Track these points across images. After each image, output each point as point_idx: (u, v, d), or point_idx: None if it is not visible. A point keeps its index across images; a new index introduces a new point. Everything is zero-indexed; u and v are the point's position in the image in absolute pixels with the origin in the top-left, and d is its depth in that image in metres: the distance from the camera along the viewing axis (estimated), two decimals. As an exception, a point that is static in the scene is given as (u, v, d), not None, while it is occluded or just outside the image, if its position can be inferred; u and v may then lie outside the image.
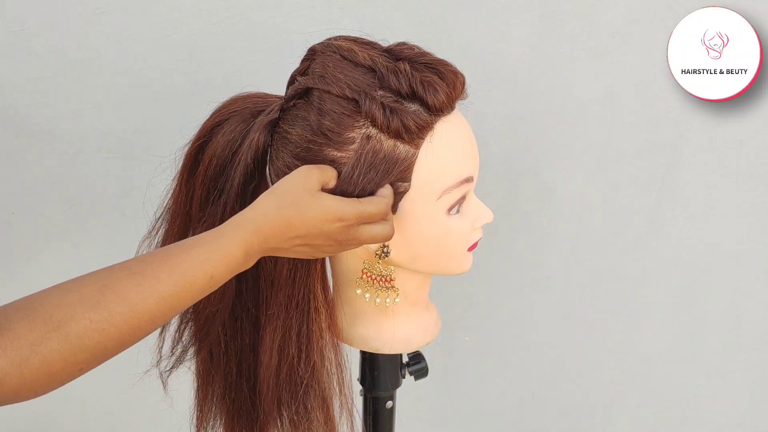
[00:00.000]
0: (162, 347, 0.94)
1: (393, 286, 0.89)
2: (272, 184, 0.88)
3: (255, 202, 0.76)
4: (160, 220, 0.91)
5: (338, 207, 0.76)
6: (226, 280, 0.73)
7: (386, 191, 0.80)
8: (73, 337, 0.63)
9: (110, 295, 0.65)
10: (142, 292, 0.66)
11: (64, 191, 1.28)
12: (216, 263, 0.70)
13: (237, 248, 0.72)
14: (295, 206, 0.75)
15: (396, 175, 0.81)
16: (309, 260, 0.86)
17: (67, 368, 0.63)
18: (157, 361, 0.94)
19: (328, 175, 0.79)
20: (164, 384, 0.95)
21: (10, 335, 0.61)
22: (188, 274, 0.68)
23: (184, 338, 0.94)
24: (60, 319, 0.63)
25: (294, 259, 0.86)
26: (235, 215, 0.75)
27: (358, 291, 0.90)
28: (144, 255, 0.70)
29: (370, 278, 0.89)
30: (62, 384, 0.64)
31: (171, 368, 0.94)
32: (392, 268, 0.88)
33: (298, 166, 0.82)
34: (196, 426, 0.98)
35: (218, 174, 0.86)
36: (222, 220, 0.86)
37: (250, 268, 0.90)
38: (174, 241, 0.89)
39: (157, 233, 0.92)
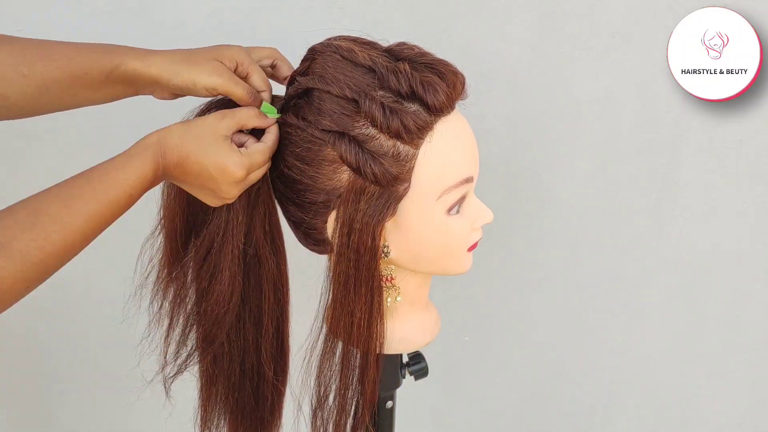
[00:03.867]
0: (166, 352, 0.94)
1: (394, 285, 0.89)
2: (273, 184, 0.88)
3: (168, 126, 0.81)
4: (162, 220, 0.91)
5: (230, 160, 0.79)
6: (141, 196, 0.79)
7: (271, 136, 0.83)
8: (17, 256, 0.69)
9: (43, 216, 0.71)
10: (71, 212, 0.73)
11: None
12: (133, 183, 0.77)
13: (149, 169, 0.78)
14: (197, 142, 0.79)
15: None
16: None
17: (15, 285, 0.69)
18: (162, 367, 0.93)
19: (240, 119, 0.81)
20: (167, 391, 0.95)
21: None
22: (111, 194, 0.75)
23: (188, 343, 0.93)
24: (2, 241, 0.68)
25: None
26: (145, 136, 0.80)
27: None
28: (65, 180, 0.76)
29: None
30: (10, 303, 0.70)
31: (175, 375, 0.94)
32: (392, 267, 0.88)
33: (298, 167, 0.82)
34: (200, 426, 0.98)
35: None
36: (226, 222, 0.86)
37: (252, 270, 0.90)
38: (175, 245, 0.89)
39: (159, 233, 0.92)
